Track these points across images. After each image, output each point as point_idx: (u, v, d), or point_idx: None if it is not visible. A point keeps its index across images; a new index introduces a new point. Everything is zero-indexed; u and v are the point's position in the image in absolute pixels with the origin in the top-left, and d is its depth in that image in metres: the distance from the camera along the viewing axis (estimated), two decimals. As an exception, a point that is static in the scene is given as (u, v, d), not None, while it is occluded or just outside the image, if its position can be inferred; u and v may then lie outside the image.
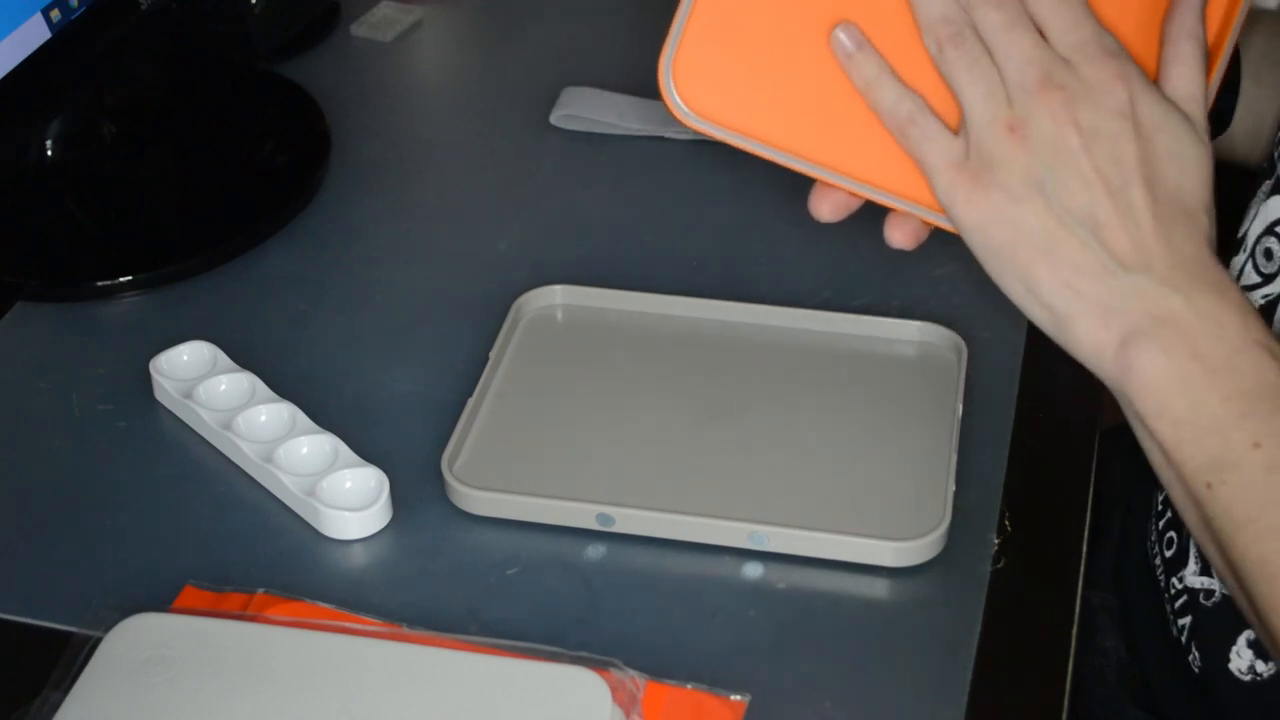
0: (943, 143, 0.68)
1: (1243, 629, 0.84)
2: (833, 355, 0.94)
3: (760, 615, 0.80)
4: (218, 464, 0.89)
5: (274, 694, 0.74)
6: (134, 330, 0.99)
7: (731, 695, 0.75)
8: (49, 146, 1.09)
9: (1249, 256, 0.86)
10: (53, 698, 0.74)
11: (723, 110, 0.70)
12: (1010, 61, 0.67)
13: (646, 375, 0.93)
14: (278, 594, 0.80)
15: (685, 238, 1.06)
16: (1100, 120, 0.66)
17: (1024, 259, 0.67)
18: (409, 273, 1.04)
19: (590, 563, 0.83)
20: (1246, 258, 0.86)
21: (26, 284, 1.02)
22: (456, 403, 0.90)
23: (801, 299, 0.98)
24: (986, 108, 0.67)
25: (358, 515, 0.84)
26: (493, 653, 0.76)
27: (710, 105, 0.70)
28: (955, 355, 0.93)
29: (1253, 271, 0.85)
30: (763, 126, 0.71)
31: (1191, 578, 0.88)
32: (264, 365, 0.93)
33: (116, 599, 0.79)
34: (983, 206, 0.67)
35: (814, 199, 0.72)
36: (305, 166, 1.11)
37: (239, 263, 1.04)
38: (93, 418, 0.93)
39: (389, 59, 1.26)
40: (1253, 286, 0.85)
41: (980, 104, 0.67)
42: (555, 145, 1.15)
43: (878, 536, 0.81)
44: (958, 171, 0.68)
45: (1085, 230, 0.66)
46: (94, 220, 1.10)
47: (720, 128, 0.71)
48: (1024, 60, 0.66)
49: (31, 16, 1.00)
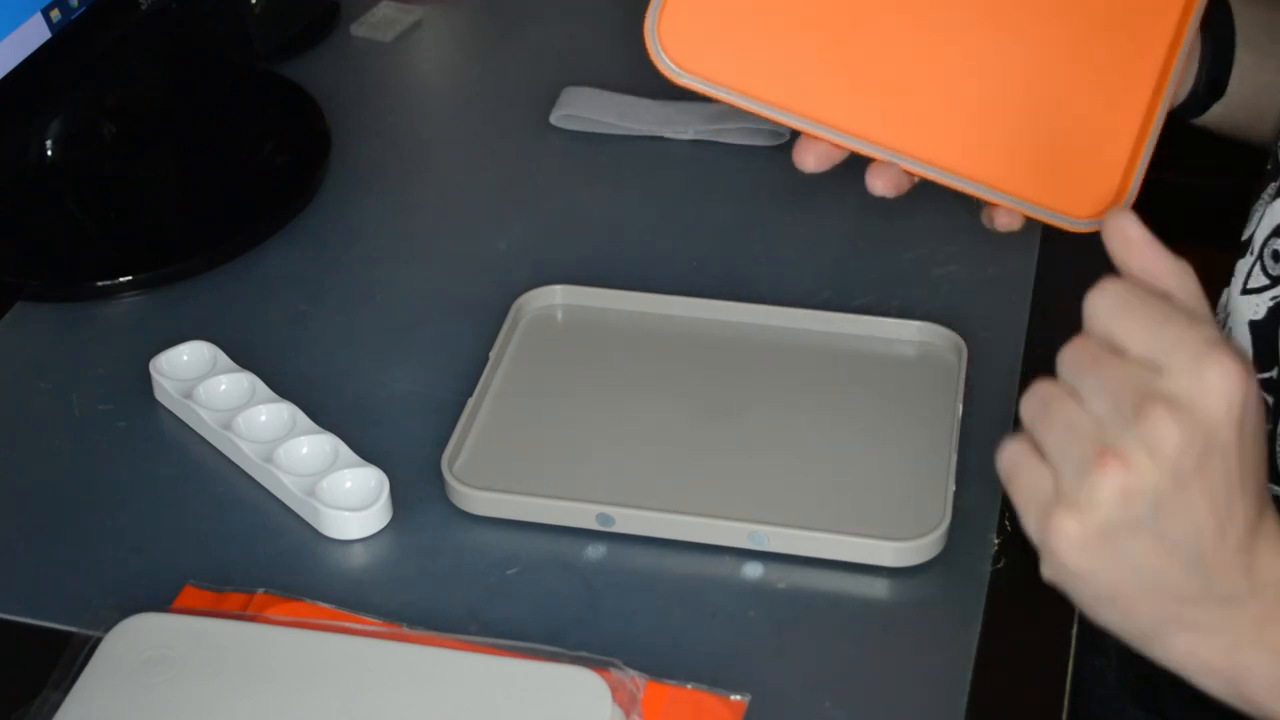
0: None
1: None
2: (833, 355, 0.94)
3: (760, 615, 0.80)
4: (218, 464, 0.89)
5: (274, 694, 0.74)
6: (134, 330, 0.99)
7: (731, 695, 0.75)
8: (49, 146, 1.09)
9: (1256, 259, 0.86)
10: (53, 698, 0.74)
11: (707, 65, 0.71)
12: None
13: (646, 375, 0.93)
14: (278, 594, 0.80)
15: (685, 238, 1.06)
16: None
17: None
18: (409, 273, 1.04)
19: (590, 563, 0.83)
20: (1254, 260, 0.86)
21: (26, 284, 1.02)
22: (456, 403, 0.90)
23: (801, 299, 0.98)
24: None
25: (358, 515, 0.84)
26: (493, 653, 0.76)
27: (695, 60, 0.71)
28: (955, 355, 0.93)
29: (1260, 274, 0.85)
30: (747, 80, 0.71)
31: None
32: (264, 365, 0.93)
33: (116, 599, 0.79)
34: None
35: (798, 151, 0.72)
36: (305, 166, 1.11)
37: (239, 263, 1.04)
38: (93, 418, 0.93)
39: (389, 59, 1.26)
40: (1260, 289, 0.85)
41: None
42: (555, 145, 1.15)
43: (878, 536, 0.81)
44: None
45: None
46: (94, 220, 1.10)
47: (706, 82, 0.71)
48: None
49: (31, 16, 1.00)
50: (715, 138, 1.14)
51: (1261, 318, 0.83)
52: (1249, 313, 0.84)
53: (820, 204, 1.07)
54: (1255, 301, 0.84)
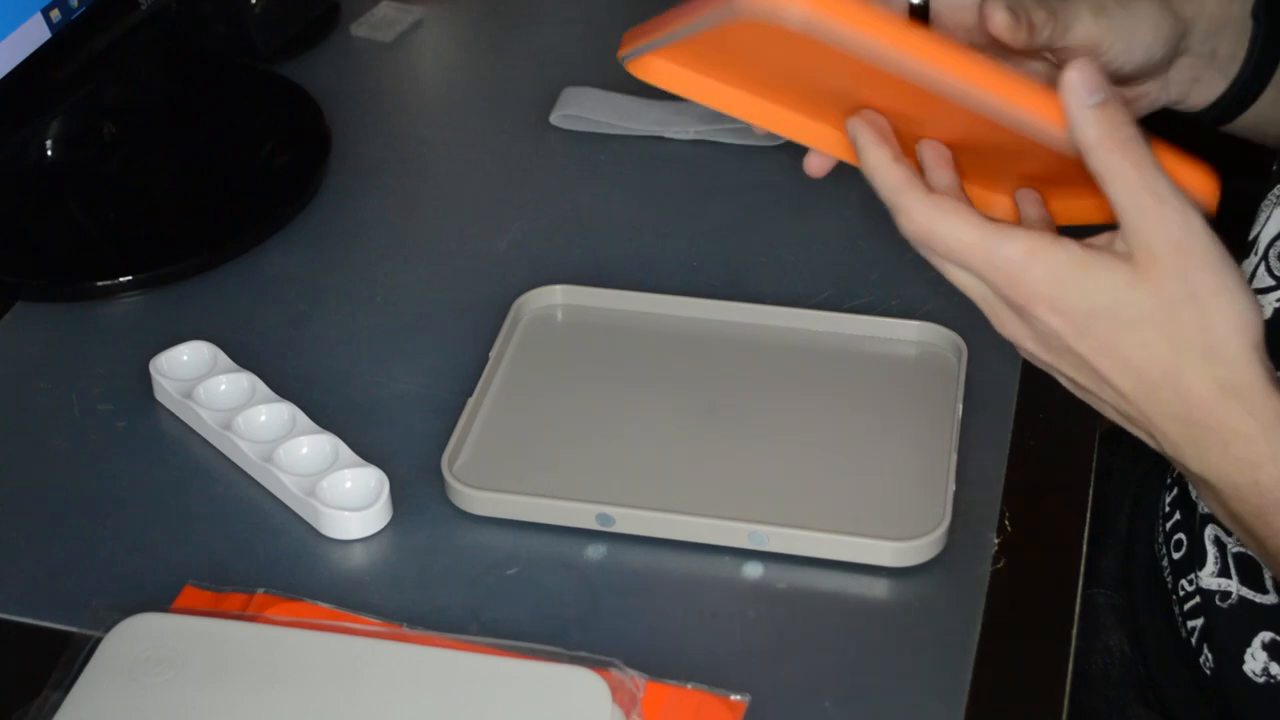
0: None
1: (1258, 631, 0.84)
2: (833, 355, 0.94)
3: (760, 615, 0.80)
4: (218, 464, 0.89)
5: (274, 694, 0.74)
6: (134, 330, 0.99)
7: (731, 695, 0.75)
8: (49, 146, 1.09)
9: (1261, 259, 0.85)
10: (53, 698, 0.74)
11: (670, 85, 0.76)
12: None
13: (646, 375, 0.93)
14: (278, 594, 0.80)
15: (685, 238, 1.06)
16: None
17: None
18: (409, 273, 1.04)
19: (590, 563, 0.83)
20: (1259, 261, 0.86)
21: (26, 284, 1.02)
22: (456, 403, 0.90)
23: (801, 299, 0.98)
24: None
25: (358, 515, 0.84)
26: (493, 653, 0.76)
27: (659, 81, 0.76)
28: (955, 355, 0.93)
29: (1265, 275, 0.85)
30: (709, 97, 0.77)
31: (1208, 579, 0.87)
32: (264, 365, 0.93)
33: (116, 599, 0.79)
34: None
35: (806, 160, 0.78)
36: (305, 166, 1.11)
37: (239, 263, 1.04)
38: (93, 418, 0.93)
39: (389, 59, 1.26)
40: (1266, 290, 0.84)
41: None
42: (555, 145, 1.15)
43: (878, 536, 0.81)
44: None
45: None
46: (94, 220, 1.10)
47: (666, 88, 0.76)
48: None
49: (31, 16, 1.00)
50: (715, 138, 1.14)
51: (1267, 318, 0.83)
52: None
53: (820, 204, 1.07)
54: (1260, 302, 0.84)
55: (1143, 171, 0.64)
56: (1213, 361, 0.66)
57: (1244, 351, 0.66)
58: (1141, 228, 0.65)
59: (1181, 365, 0.66)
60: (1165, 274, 0.65)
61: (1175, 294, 0.65)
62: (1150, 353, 0.66)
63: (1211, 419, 0.67)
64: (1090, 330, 0.66)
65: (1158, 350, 0.66)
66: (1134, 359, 0.67)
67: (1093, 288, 0.66)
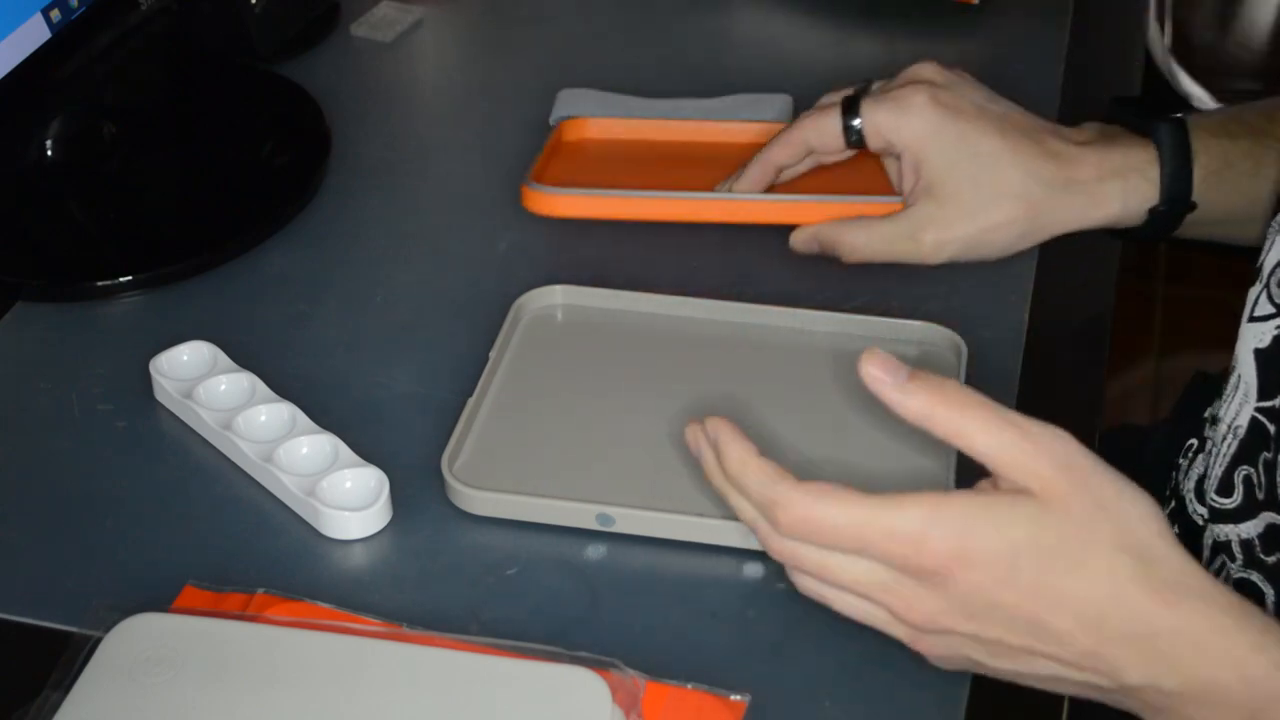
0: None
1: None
2: (833, 355, 0.94)
3: (760, 615, 0.80)
4: (218, 464, 0.89)
5: (274, 694, 0.74)
6: (134, 330, 0.99)
7: (731, 695, 0.75)
8: (49, 146, 1.09)
9: (1264, 286, 0.84)
10: (53, 698, 0.74)
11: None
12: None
13: (646, 375, 0.93)
14: (278, 594, 0.80)
15: (685, 237, 1.06)
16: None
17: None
18: (409, 273, 1.04)
19: (590, 563, 0.83)
20: (1262, 288, 0.85)
21: (26, 284, 1.02)
22: (456, 403, 0.90)
23: (801, 299, 0.98)
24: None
25: (358, 515, 0.84)
26: (493, 653, 0.76)
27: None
28: (955, 355, 0.93)
29: (1267, 302, 0.83)
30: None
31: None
32: (264, 365, 0.93)
33: (116, 599, 0.79)
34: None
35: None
36: (305, 166, 1.11)
37: (239, 263, 1.04)
38: (93, 418, 0.93)
39: (389, 59, 1.26)
40: (1267, 317, 0.83)
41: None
42: (555, 145, 1.15)
43: (878, 536, 0.81)
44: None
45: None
46: (94, 220, 1.10)
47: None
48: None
49: (31, 16, 1.00)
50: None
51: (1267, 345, 0.82)
52: (1254, 340, 0.83)
53: (820, 204, 1.07)
54: (1261, 329, 0.83)
55: (987, 411, 0.64)
56: (1149, 563, 0.64)
57: (1169, 547, 0.64)
58: (1021, 461, 0.64)
59: (1120, 578, 0.63)
60: (1068, 493, 0.63)
61: (1085, 508, 0.63)
62: (1085, 575, 0.64)
63: (1176, 621, 0.64)
64: (1017, 570, 0.64)
65: (1093, 569, 0.64)
66: (1069, 590, 0.64)
67: (1006, 524, 0.64)
